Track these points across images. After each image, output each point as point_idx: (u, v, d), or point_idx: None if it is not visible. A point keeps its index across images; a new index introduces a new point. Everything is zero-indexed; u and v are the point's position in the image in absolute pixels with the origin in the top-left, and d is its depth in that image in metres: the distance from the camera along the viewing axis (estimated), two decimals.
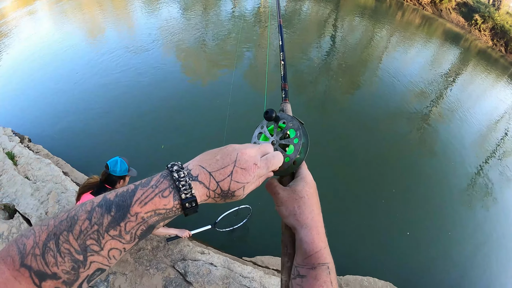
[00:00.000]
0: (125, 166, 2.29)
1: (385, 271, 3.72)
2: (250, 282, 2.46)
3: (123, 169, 2.27)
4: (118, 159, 2.27)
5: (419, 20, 18.85)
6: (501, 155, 7.63)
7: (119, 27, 9.20)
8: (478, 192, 5.80)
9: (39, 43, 7.94)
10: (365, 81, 8.67)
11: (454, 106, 8.84)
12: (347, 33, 12.72)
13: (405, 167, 5.75)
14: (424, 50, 13.86)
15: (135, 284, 2.39)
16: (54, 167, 3.41)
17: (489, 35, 22.34)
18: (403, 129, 6.83)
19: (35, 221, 2.76)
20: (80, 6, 10.82)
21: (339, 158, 5.45)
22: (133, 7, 10.81)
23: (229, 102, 4.22)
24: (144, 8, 10.71)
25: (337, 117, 6.66)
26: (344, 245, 3.89)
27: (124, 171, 2.28)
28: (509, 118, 10.60)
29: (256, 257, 3.13)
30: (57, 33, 8.58)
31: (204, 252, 2.63)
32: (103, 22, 9.54)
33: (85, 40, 8.28)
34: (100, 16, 10.02)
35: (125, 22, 9.67)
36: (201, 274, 2.42)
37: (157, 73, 6.58)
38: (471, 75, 13.63)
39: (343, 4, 16.91)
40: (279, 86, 0.93)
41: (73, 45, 7.71)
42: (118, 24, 9.41)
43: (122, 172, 2.27)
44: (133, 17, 10.01)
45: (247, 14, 11.65)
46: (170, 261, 2.52)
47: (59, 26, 9.11)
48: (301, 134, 0.62)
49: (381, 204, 4.68)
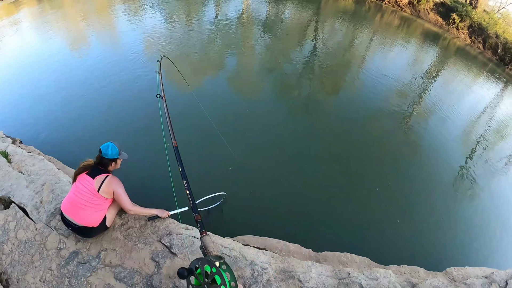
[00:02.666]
0: (116, 150, 2.61)
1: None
2: (230, 251, 2.74)
3: (114, 153, 2.59)
4: (109, 144, 2.59)
5: (398, 21, 19.48)
6: (484, 148, 8.05)
7: (104, 36, 9.41)
8: (463, 185, 6.17)
9: (23, 51, 8.09)
10: (348, 82, 9.04)
11: (436, 103, 9.25)
12: (328, 36, 13.15)
13: (391, 164, 6.02)
14: (405, 50, 14.37)
15: (124, 258, 2.64)
16: (47, 162, 3.65)
17: (467, 33, 23.14)
18: (387, 128, 7.16)
19: (31, 209, 2.98)
20: (64, 16, 11.00)
21: (326, 158, 5.67)
22: (117, 16, 11.03)
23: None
24: (127, 18, 10.93)
25: (322, 118, 6.93)
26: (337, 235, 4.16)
27: (115, 154, 2.60)
28: (491, 112, 11.09)
29: (238, 236, 3.41)
30: (42, 41, 8.74)
31: (188, 228, 2.91)
32: (87, 31, 9.74)
33: (69, 48, 8.45)
34: (83, 26, 10.21)
35: (110, 31, 9.90)
36: (185, 246, 2.69)
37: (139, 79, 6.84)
38: (451, 73, 14.11)
39: (324, 8, 17.42)
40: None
41: (57, 54, 7.89)
42: (102, 33, 9.62)
43: (114, 155, 2.60)
44: (118, 26, 10.23)
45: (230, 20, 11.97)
46: (156, 236, 2.78)
47: (44, 35, 9.26)
48: (222, 276, 0.65)
49: (370, 199, 4.98)
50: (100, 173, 2.56)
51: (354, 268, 3.11)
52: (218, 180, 4.52)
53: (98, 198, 2.52)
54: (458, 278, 3.32)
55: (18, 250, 2.64)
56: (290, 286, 2.62)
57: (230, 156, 4.81)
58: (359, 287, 2.73)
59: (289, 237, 3.50)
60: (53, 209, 2.95)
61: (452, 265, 3.55)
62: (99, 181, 2.51)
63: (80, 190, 2.50)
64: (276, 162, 5.12)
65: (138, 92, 6.37)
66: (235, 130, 5.68)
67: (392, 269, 3.38)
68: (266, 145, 5.49)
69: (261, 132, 5.85)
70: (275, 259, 2.84)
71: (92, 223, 2.57)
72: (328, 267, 2.92)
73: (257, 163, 5.01)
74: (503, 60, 22.19)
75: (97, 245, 2.71)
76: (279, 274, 2.69)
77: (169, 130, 2.83)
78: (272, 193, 4.53)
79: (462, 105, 10.11)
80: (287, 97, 7.56)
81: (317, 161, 5.43)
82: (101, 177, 2.53)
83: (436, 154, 6.70)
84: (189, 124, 5.56)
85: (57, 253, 2.63)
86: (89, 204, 2.49)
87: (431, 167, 6.24)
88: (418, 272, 3.49)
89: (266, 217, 4.12)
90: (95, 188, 2.49)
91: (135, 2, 12.46)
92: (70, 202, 2.53)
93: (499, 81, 16.97)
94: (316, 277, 2.73)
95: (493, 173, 7.04)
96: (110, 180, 2.56)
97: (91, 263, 2.60)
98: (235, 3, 14.67)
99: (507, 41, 22.77)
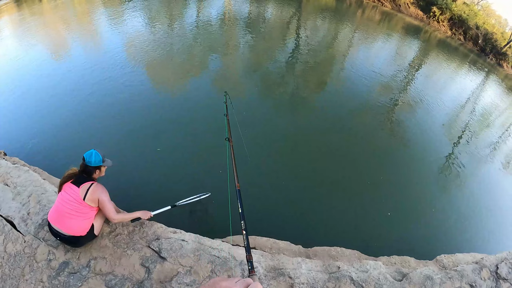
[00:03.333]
0: (99, 157, 2.60)
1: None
2: (219, 252, 2.76)
3: (97, 160, 2.59)
4: (93, 151, 2.58)
5: (379, 16, 19.78)
6: (470, 137, 8.26)
7: (85, 43, 9.27)
8: (450, 174, 6.32)
9: (4, 60, 7.92)
10: (332, 78, 9.15)
11: (421, 95, 9.45)
12: (311, 33, 13.26)
13: (379, 157, 6.12)
14: (387, 45, 14.60)
15: (115, 266, 2.64)
16: (32, 173, 3.60)
17: (448, 25, 23.66)
18: (374, 122, 7.27)
19: (18, 221, 2.95)
20: (44, 24, 10.81)
21: (313, 154, 5.70)
22: (99, 22, 10.89)
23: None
24: (109, 23, 10.80)
25: (308, 114, 7.00)
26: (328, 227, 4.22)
27: (98, 161, 2.60)
28: (474, 101, 11.36)
29: (227, 237, 3.42)
30: (23, 49, 8.55)
31: (176, 231, 2.93)
32: (69, 38, 9.58)
33: (51, 56, 8.29)
34: (64, 32, 10.04)
35: (91, 37, 9.77)
36: (174, 250, 2.71)
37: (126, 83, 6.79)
38: (434, 65, 14.42)
39: (305, 6, 17.56)
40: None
41: (39, 62, 7.71)
42: (84, 40, 9.48)
43: (97, 162, 2.59)
44: (99, 32, 10.11)
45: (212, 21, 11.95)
46: (145, 242, 2.79)
47: (25, 43, 9.06)
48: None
49: (359, 193, 5.05)
50: (85, 181, 2.55)
51: (344, 261, 3.17)
52: (205, 181, 4.52)
53: (84, 207, 2.51)
54: (449, 265, 3.41)
55: (8, 264, 2.61)
56: (281, 283, 2.66)
57: (220, 156, 4.84)
58: (350, 280, 2.79)
59: (278, 235, 3.53)
60: (41, 220, 2.92)
61: (442, 253, 3.63)
62: (84, 189, 2.50)
63: (65, 199, 2.49)
64: (263, 160, 5.15)
65: (124, 99, 6.32)
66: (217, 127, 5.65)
67: (383, 260, 3.46)
68: (251, 143, 5.49)
69: (247, 129, 5.86)
70: (264, 257, 2.88)
71: (80, 232, 2.56)
72: (318, 262, 2.97)
73: (243, 162, 5.01)
74: (484, 50, 22.79)
75: (87, 254, 2.70)
76: (269, 272, 2.73)
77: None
78: (259, 191, 4.54)
79: (446, 96, 10.35)
80: (273, 95, 7.59)
81: (304, 157, 5.48)
82: (86, 185, 2.52)
83: (423, 146, 6.85)
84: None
85: (47, 265, 2.62)
86: (75, 213, 2.48)
87: (419, 158, 6.38)
88: (409, 262, 3.57)
89: (253, 216, 4.14)
90: (81, 197, 2.48)
91: (116, 7, 12.33)
92: (57, 211, 2.52)
93: (481, 71, 17.42)
94: (307, 273, 2.77)
95: (479, 161, 7.24)
96: (95, 188, 2.54)
97: (81, 272, 2.60)
98: (217, 3, 14.67)
99: (487, 32, 23.42)
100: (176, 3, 13.92)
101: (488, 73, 17.66)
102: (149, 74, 7.39)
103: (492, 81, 16.55)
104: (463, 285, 2.94)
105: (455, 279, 2.98)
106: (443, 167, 6.40)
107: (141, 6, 12.68)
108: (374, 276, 2.87)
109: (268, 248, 3.28)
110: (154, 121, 5.66)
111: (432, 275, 2.99)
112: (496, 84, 16.25)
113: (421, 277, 2.92)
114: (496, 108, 12.07)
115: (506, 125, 10.61)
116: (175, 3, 13.90)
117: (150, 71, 7.50)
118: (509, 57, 22.15)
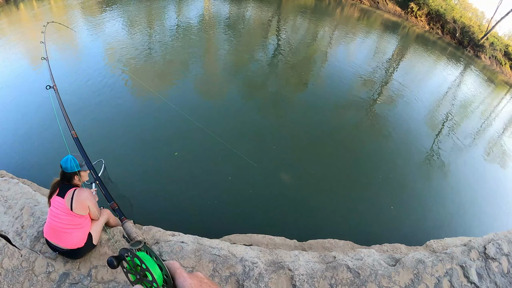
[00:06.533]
0: (76, 162, 2.50)
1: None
2: (219, 251, 2.81)
3: (74, 165, 2.49)
4: (69, 157, 2.50)
5: (358, 14, 20.18)
6: (451, 126, 8.53)
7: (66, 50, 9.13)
8: (435, 163, 6.51)
9: None
10: (313, 76, 9.26)
11: (402, 89, 9.68)
12: (291, 32, 13.42)
13: (365, 151, 6.24)
14: (367, 41, 14.91)
15: (116, 273, 2.65)
16: (22, 185, 3.56)
17: (426, 20, 24.34)
18: (356, 116, 7.41)
19: (13, 235, 2.92)
20: (22, 32, 10.57)
21: (300, 151, 5.79)
22: (77, 28, 10.71)
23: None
24: (88, 28, 10.65)
25: (292, 112, 7.05)
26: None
27: (75, 167, 2.49)
28: (454, 92, 11.73)
29: (224, 236, 3.48)
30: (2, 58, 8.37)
31: (175, 234, 2.96)
32: (48, 45, 9.39)
33: (30, 64, 8.13)
34: (43, 40, 9.85)
35: (71, 44, 9.62)
36: (174, 252, 2.74)
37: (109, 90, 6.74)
38: (413, 59, 14.79)
39: (285, 6, 17.76)
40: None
41: (19, 72, 7.57)
42: (64, 47, 9.33)
43: (73, 168, 2.49)
44: (79, 38, 9.96)
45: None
46: None
47: (4, 51, 8.87)
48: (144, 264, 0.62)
49: (347, 186, 5.17)
50: (68, 189, 2.50)
51: (339, 251, 3.27)
52: (202, 181, 4.56)
53: (75, 217, 2.47)
54: (439, 249, 3.55)
55: (6, 280, 2.57)
56: (281, 276, 2.73)
57: (210, 158, 4.88)
58: (346, 268, 2.88)
59: (273, 231, 3.61)
60: (36, 233, 2.90)
61: (431, 239, 3.79)
62: (69, 199, 2.46)
63: (56, 214, 2.45)
64: (251, 158, 5.19)
65: (107, 106, 6.26)
66: (204, 129, 5.68)
67: (375, 248, 3.58)
68: (240, 141, 5.53)
69: (232, 127, 5.91)
70: (263, 252, 2.95)
71: (78, 244, 2.54)
72: (315, 254, 3.05)
73: (233, 162, 5.05)
74: (462, 43, 23.54)
75: (87, 263, 2.70)
76: (269, 266, 2.79)
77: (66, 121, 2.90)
78: (251, 190, 4.60)
79: (426, 89, 10.67)
80: (256, 95, 7.64)
81: (292, 154, 5.56)
82: (69, 193, 2.49)
83: (406, 138, 7.05)
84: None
85: (47, 277, 2.60)
86: (68, 226, 2.46)
87: (403, 150, 6.56)
88: (400, 248, 3.71)
89: (248, 214, 4.20)
90: (68, 207, 2.44)
91: (94, 13, 12.18)
92: (51, 228, 2.48)
93: (459, 63, 17.98)
94: (305, 264, 2.85)
95: (461, 150, 7.50)
96: (78, 193, 2.51)
97: (83, 282, 2.59)
98: (196, 5, 14.66)
99: (465, 25, 24.18)
100: (154, 6, 13.83)
101: (467, 65, 18.24)
102: (131, 78, 7.35)
103: (470, 72, 17.11)
104: (453, 266, 3.08)
105: (446, 261, 3.11)
106: (426, 157, 6.60)
107: (120, 10, 12.56)
108: (368, 263, 2.98)
109: (265, 244, 3.34)
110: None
111: (424, 258, 3.12)
112: (475, 75, 16.82)
113: (414, 261, 3.04)
114: (476, 98, 12.51)
115: (486, 114, 11.01)
116: (153, 6, 13.81)
117: (132, 76, 7.45)
118: (486, 49, 22.92)
